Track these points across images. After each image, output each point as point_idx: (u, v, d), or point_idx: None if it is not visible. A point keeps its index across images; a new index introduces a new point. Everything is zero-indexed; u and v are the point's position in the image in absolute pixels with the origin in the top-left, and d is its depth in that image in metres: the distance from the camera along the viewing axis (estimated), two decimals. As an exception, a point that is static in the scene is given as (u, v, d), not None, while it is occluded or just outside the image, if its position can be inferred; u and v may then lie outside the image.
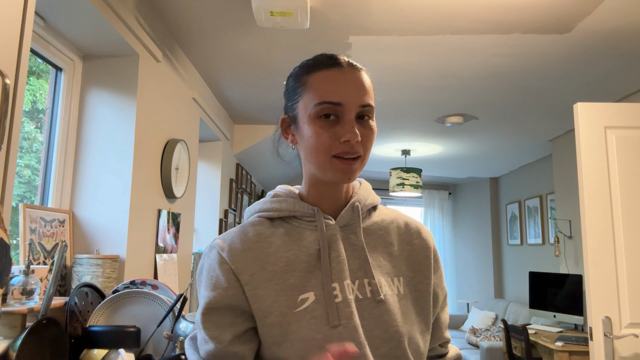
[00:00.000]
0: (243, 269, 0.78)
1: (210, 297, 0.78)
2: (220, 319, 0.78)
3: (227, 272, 0.78)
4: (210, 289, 0.79)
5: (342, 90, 0.77)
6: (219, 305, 0.78)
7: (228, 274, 0.78)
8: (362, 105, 0.78)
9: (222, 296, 0.78)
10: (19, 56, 1.19)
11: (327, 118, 0.78)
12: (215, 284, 0.79)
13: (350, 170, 0.78)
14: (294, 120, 0.83)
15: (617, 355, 2.24)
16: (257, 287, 0.77)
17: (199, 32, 2.44)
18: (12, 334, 1.35)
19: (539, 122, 3.95)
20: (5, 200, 1.14)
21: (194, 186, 2.97)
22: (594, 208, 2.37)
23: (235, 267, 0.78)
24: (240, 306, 0.78)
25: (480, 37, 2.42)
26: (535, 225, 5.45)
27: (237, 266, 0.79)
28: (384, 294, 0.80)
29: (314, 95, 0.79)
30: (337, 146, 0.77)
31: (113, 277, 1.83)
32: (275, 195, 0.88)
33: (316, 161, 0.79)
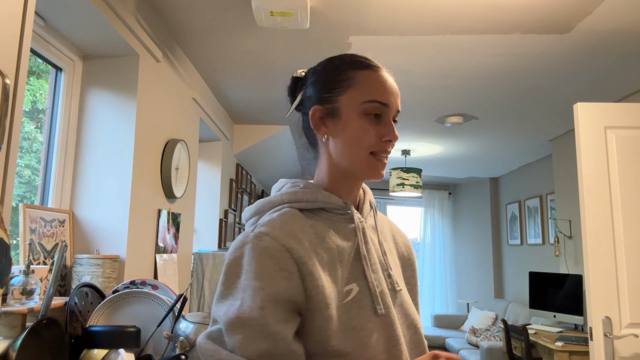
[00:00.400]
0: (304, 258, 0.75)
1: (271, 287, 0.71)
2: (285, 313, 0.72)
3: (288, 261, 0.73)
4: (269, 279, 0.72)
5: (388, 93, 0.84)
6: (281, 298, 0.71)
7: (290, 263, 0.73)
8: (398, 110, 0.87)
9: (285, 287, 0.72)
10: (19, 56, 1.19)
11: (373, 116, 0.82)
12: (275, 274, 0.72)
13: (383, 168, 0.84)
14: (332, 112, 0.84)
15: (617, 355, 2.24)
16: (318, 278, 0.75)
17: (199, 32, 2.44)
18: (12, 334, 1.35)
19: (539, 122, 3.95)
20: (5, 200, 1.14)
21: (194, 186, 2.97)
22: (594, 208, 2.37)
23: (296, 256, 0.74)
24: (298, 299, 0.73)
25: (480, 37, 2.42)
26: (535, 225, 5.45)
27: (298, 255, 0.74)
28: (399, 285, 0.87)
29: (362, 92, 0.83)
30: (378, 144, 0.82)
31: (113, 277, 1.83)
32: (305, 186, 0.84)
33: (355, 156, 0.82)
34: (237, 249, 0.75)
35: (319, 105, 0.85)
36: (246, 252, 0.74)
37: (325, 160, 0.86)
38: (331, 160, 0.85)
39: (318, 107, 0.85)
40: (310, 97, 0.87)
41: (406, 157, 5.48)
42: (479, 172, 6.31)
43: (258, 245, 0.74)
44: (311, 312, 0.74)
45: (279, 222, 0.77)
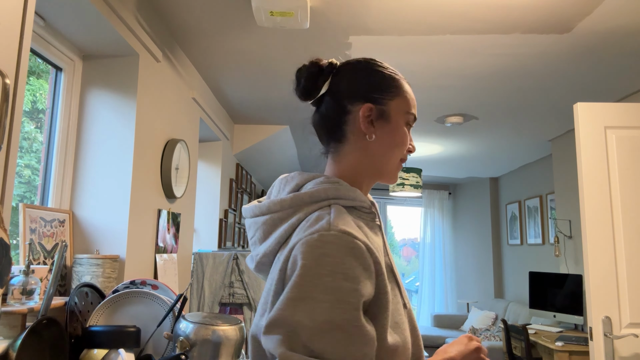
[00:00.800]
0: (378, 258, 0.73)
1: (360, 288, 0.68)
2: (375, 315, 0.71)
3: (369, 261, 0.71)
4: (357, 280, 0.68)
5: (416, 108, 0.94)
6: (365, 299, 0.70)
7: (371, 264, 0.71)
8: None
9: (370, 288, 0.70)
10: (19, 56, 1.19)
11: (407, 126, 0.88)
12: (361, 274, 0.69)
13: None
14: (382, 114, 0.85)
15: (617, 355, 2.24)
16: (385, 278, 0.74)
17: (199, 32, 2.44)
18: (12, 334, 1.35)
19: (539, 122, 3.95)
20: (5, 200, 1.14)
21: (194, 186, 2.97)
22: (594, 208, 2.37)
23: (374, 256, 0.73)
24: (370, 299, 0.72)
25: (480, 37, 2.42)
26: (535, 225, 5.45)
27: (375, 255, 0.73)
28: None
29: (408, 103, 0.87)
30: (405, 153, 0.88)
31: (113, 277, 1.83)
32: (339, 182, 0.81)
33: (392, 160, 0.86)
34: (317, 248, 0.69)
35: (369, 103, 0.84)
36: (330, 252, 0.69)
37: (355, 158, 0.85)
38: (364, 159, 0.85)
39: (370, 106, 0.84)
40: (351, 92, 0.84)
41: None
42: (479, 172, 6.31)
43: (343, 245, 0.69)
44: (377, 312, 0.73)
45: (349, 220, 0.75)
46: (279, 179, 0.88)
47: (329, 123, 0.86)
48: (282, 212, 0.79)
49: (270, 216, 0.80)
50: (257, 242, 0.83)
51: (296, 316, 0.66)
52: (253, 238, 0.84)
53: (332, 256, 0.69)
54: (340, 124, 0.85)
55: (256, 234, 0.83)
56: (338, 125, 0.85)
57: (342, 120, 0.85)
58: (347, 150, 0.85)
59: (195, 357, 1.40)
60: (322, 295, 0.67)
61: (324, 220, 0.73)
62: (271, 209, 0.80)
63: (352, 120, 0.84)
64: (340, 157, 0.86)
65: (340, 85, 0.85)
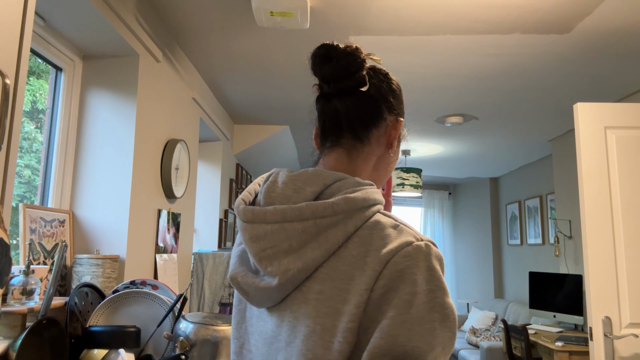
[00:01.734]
0: None
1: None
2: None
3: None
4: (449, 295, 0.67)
5: None
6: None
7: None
8: None
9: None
10: (19, 56, 1.19)
11: None
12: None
13: None
14: (401, 133, 0.84)
15: (617, 355, 2.24)
16: None
17: (199, 32, 2.44)
18: (12, 334, 1.35)
19: (539, 122, 3.95)
20: (5, 200, 1.14)
21: (194, 186, 2.97)
22: (594, 208, 2.37)
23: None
24: None
25: (480, 37, 2.42)
26: (535, 225, 5.45)
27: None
28: None
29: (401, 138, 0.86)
30: None
31: (113, 277, 1.84)
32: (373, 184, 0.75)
33: (382, 179, 0.84)
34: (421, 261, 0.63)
35: (398, 117, 0.82)
36: (432, 265, 0.63)
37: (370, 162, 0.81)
38: (374, 168, 0.82)
39: (402, 122, 0.82)
40: (390, 101, 0.81)
41: (406, 157, 5.48)
42: (479, 172, 6.31)
43: (436, 257, 0.65)
44: None
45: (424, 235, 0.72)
46: (280, 175, 0.75)
47: (361, 119, 0.79)
48: (332, 217, 0.67)
49: (314, 222, 0.67)
50: (279, 253, 0.67)
51: (413, 341, 0.58)
52: (271, 249, 0.67)
53: (434, 269, 0.63)
54: (370, 125, 0.79)
55: (281, 244, 0.67)
56: (368, 125, 0.79)
57: (375, 123, 0.79)
58: (365, 152, 0.80)
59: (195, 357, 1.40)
60: (432, 314, 0.60)
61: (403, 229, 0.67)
62: (318, 213, 0.67)
63: (384, 127, 0.80)
64: (355, 155, 0.80)
65: (381, 89, 0.80)
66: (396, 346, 0.57)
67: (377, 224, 0.67)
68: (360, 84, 0.78)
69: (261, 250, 0.68)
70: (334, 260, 0.65)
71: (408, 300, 0.59)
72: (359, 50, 0.78)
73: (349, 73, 0.78)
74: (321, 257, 0.65)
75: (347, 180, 0.72)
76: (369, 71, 0.81)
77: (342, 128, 0.79)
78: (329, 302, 0.63)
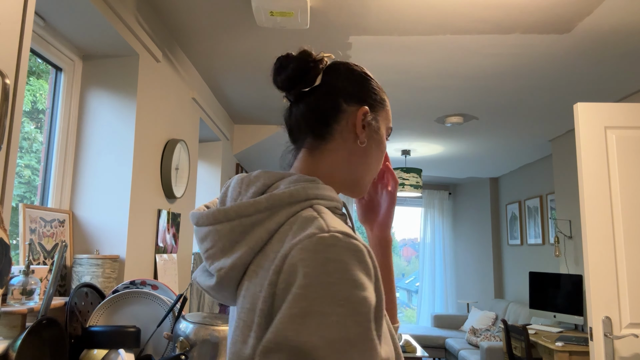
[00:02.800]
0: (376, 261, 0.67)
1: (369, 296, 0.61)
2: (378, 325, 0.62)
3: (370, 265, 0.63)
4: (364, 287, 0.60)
5: None
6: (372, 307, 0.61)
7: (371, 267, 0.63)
8: None
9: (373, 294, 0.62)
10: (19, 56, 1.19)
11: None
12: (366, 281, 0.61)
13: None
14: (375, 121, 0.81)
15: (617, 355, 2.24)
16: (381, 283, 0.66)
17: (199, 32, 2.44)
18: (12, 334, 1.36)
19: (539, 122, 3.95)
20: (5, 200, 1.14)
21: (194, 186, 2.97)
22: (594, 208, 2.37)
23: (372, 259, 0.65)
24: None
25: (480, 37, 2.42)
26: (535, 225, 5.45)
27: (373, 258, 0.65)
28: None
29: (390, 117, 0.85)
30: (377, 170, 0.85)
31: (113, 277, 1.83)
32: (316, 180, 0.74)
33: (371, 171, 0.82)
34: (319, 253, 0.60)
35: (367, 107, 0.80)
36: (334, 256, 0.60)
37: (337, 158, 0.79)
38: (345, 163, 0.79)
39: (368, 110, 0.79)
40: (349, 92, 0.79)
41: (406, 157, 5.48)
42: (479, 172, 6.32)
43: (345, 247, 0.61)
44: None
45: (340, 221, 0.67)
46: (234, 179, 0.76)
47: (317, 117, 0.79)
48: (255, 215, 0.67)
49: (239, 221, 0.68)
50: (217, 253, 0.69)
51: (302, 336, 0.56)
52: (211, 250, 0.69)
53: (337, 261, 0.60)
54: (329, 120, 0.78)
55: (217, 245, 0.69)
56: (327, 122, 0.78)
57: (334, 117, 0.78)
58: (329, 148, 0.78)
59: (195, 357, 1.40)
60: (332, 307, 0.57)
61: (315, 221, 0.64)
62: (241, 213, 0.67)
63: (344, 120, 0.78)
64: (318, 154, 0.79)
65: (337, 82, 0.80)
66: (286, 341, 0.56)
67: (298, 218, 0.66)
68: (311, 85, 0.78)
69: (205, 251, 0.71)
70: (260, 258, 0.66)
71: (300, 294, 0.58)
72: (306, 53, 0.79)
73: (300, 77, 0.78)
74: (247, 255, 0.66)
75: (289, 178, 0.72)
76: (325, 69, 0.81)
77: (302, 130, 0.80)
78: (251, 299, 0.64)
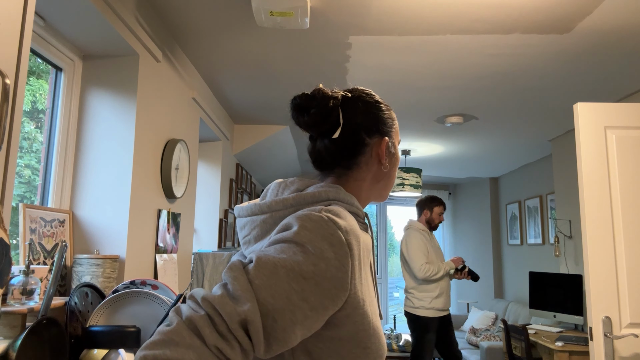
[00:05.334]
0: (356, 256, 0.75)
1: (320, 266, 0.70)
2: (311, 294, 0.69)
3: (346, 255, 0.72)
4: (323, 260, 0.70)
5: None
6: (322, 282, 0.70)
7: (346, 257, 0.72)
8: None
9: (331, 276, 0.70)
10: (19, 56, 1.19)
11: None
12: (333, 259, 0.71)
13: None
14: (393, 146, 0.94)
15: (617, 355, 2.24)
16: (361, 277, 0.76)
17: (199, 32, 2.44)
18: (12, 334, 1.36)
19: (539, 122, 3.95)
20: (5, 200, 1.14)
21: (194, 186, 2.97)
22: (594, 208, 2.37)
23: (352, 252, 0.73)
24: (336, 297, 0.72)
25: (480, 37, 2.42)
26: (535, 225, 5.45)
27: (353, 252, 0.74)
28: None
29: (398, 133, 0.96)
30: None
31: (113, 277, 1.83)
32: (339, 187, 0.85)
33: (393, 183, 0.96)
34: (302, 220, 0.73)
35: (387, 137, 0.92)
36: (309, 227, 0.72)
37: (363, 183, 0.90)
38: (373, 185, 0.92)
39: (387, 140, 0.91)
40: (368, 126, 0.89)
41: (406, 157, 5.48)
42: (479, 172, 6.31)
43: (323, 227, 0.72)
44: (353, 308, 0.74)
45: (343, 216, 0.76)
46: (275, 183, 0.89)
47: (344, 153, 0.88)
48: (283, 210, 0.81)
49: (270, 214, 0.81)
50: (252, 240, 0.83)
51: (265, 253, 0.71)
52: (248, 236, 0.84)
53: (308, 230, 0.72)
54: (356, 154, 0.89)
55: (252, 232, 0.83)
56: (354, 155, 0.89)
57: (359, 151, 0.89)
58: (355, 177, 0.90)
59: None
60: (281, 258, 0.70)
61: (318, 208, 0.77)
62: (272, 208, 0.81)
63: (369, 152, 0.90)
64: (345, 179, 0.90)
65: (356, 118, 0.89)
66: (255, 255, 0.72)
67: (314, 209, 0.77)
68: (335, 125, 0.88)
69: (242, 238, 0.87)
70: None
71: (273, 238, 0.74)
72: (324, 95, 0.87)
73: (324, 120, 0.87)
74: None
75: (317, 184, 0.85)
76: (342, 103, 0.89)
77: (328, 162, 0.90)
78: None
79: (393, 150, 0.93)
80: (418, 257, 3.62)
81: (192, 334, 0.63)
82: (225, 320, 0.65)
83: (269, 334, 0.67)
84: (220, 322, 0.65)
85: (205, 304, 0.66)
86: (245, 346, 0.66)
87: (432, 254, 3.71)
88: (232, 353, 0.64)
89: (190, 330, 0.64)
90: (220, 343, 0.64)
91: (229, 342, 0.64)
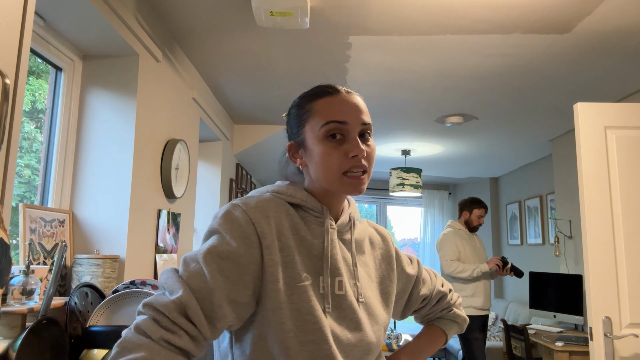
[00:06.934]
0: (266, 233, 0.83)
1: (232, 245, 0.81)
2: (230, 271, 0.80)
3: (253, 232, 0.83)
4: (234, 239, 0.82)
5: (345, 111, 0.88)
6: (237, 259, 0.81)
7: (253, 234, 0.83)
8: (363, 123, 0.89)
9: (244, 252, 0.81)
10: (19, 56, 1.19)
11: (334, 138, 0.87)
12: (241, 237, 0.82)
13: (360, 183, 0.88)
14: (301, 144, 0.92)
15: (617, 355, 2.24)
16: (273, 254, 0.83)
17: (199, 32, 2.44)
18: (12, 334, 1.35)
19: (539, 122, 3.95)
20: (5, 200, 1.14)
21: (194, 186, 2.97)
22: (594, 208, 2.37)
23: (260, 230, 0.83)
24: (254, 272, 0.82)
25: (480, 37, 2.42)
26: (535, 225, 5.45)
27: (262, 230, 0.83)
28: (364, 296, 0.93)
29: (320, 117, 0.89)
30: (346, 162, 0.86)
31: (113, 277, 1.83)
32: (290, 185, 0.94)
33: (328, 179, 0.88)
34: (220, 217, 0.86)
35: (291, 141, 0.95)
36: (223, 217, 0.84)
37: (308, 183, 0.95)
38: (312, 183, 0.94)
39: (292, 143, 0.95)
40: (288, 135, 0.97)
41: (406, 157, 5.48)
42: (479, 172, 6.31)
43: (232, 213, 0.84)
44: (265, 284, 0.82)
45: (253, 201, 0.87)
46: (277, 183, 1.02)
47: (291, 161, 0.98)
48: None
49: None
50: None
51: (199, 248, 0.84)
52: None
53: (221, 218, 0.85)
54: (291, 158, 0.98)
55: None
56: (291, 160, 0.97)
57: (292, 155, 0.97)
58: (305, 177, 0.97)
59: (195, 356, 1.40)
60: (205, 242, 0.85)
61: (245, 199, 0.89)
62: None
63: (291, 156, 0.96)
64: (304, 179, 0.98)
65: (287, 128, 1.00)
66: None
67: None
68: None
69: None
70: None
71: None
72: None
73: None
74: None
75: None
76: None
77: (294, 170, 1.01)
78: None
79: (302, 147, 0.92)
80: (446, 253, 3.71)
81: (140, 336, 0.71)
82: (166, 314, 0.73)
83: (209, 316, 0.76)
84: (162, 318, 0.73)
85: (146, 308, 0.74)
86: (191, 332, 0.74)
87: (468, 253, 3.74)
88: (181, 341, 0.72)
89: (138, 334, 0.72)
90: (167, 335, 0.71)
91: (175, 333, 0.72)
